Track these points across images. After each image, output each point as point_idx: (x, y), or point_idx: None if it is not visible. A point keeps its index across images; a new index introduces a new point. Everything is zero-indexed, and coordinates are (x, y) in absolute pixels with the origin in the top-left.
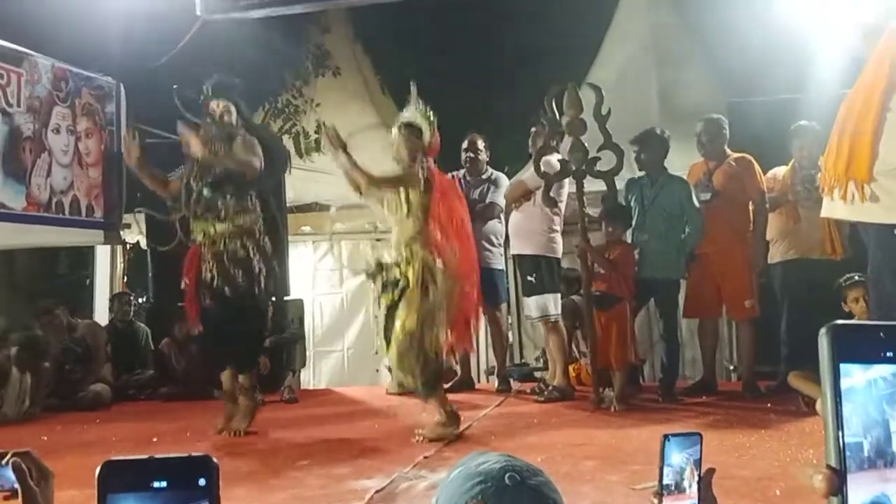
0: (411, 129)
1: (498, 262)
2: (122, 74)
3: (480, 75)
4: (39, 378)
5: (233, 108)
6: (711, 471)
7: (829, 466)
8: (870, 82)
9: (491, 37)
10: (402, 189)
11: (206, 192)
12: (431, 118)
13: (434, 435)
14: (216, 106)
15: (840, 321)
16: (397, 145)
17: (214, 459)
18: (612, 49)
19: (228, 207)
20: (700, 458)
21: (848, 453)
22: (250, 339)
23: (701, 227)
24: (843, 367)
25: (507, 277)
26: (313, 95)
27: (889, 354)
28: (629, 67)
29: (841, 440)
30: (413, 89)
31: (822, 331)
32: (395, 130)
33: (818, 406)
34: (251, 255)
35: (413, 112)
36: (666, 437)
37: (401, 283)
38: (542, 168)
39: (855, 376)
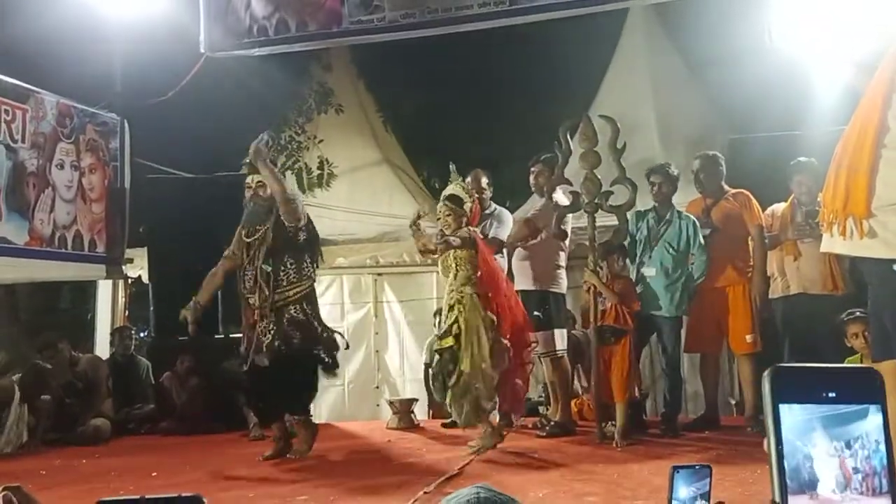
0: (454, 201)
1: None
2: (125, 111)
3: (482, 110)
4: (39, 411)
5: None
6: None
7: (773, 502)
8: (863, 118)
9: (493, 72)
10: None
11: (265, 265)
12: (470, 190)
13: (490, 443)
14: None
15: (782, 364)
16: (443, 216)
17: (205, 500)
18: (613, 86)
19: (290, 275)
20: (709, 492)
21: (789, 484)
22: (305, 386)
23: (705, 265)
24: (783, 407)
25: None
26: (316, 132)
27: (832, 395)
28: (629, 103)
29: (784, 476)
30: (452, 168)
31: (765, 373)
32: (439, 206)
33: (765, 444)
34: (310, 318)
35: (454, 186)
36: (675, 469)
37: (454, 328)
38: (555, 200)
39: (795, 416)
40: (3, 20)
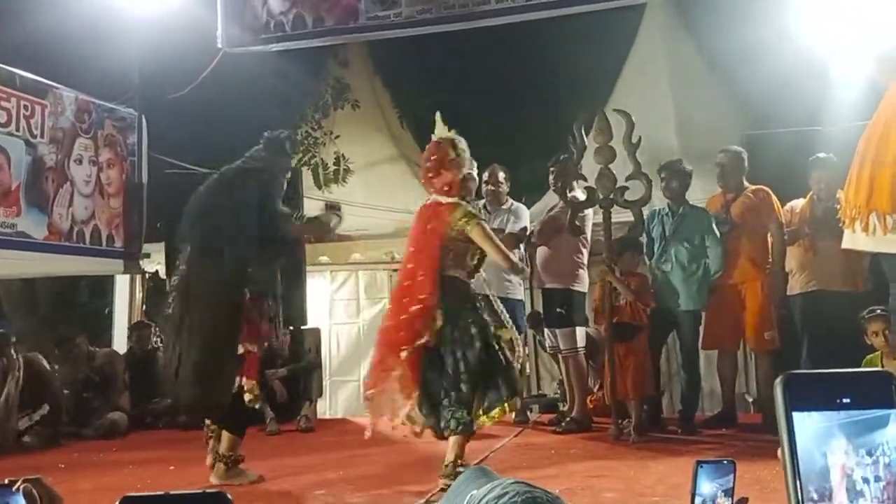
0: None
1: (517, 293)
2: (143, 106)
3: (498, 106)
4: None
5: None
6: (744, 500)
7: None
8: (888, 113)
9: (509, 69)
10: None
11: None
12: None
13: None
14: None
15: (795, 370)
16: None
17: (229, 496)
18: (630, 81)
19: None
20: (733, 487)
21: (806, 494)
22: None
23: (721, 258)
24: (797, 415)
25: (525, 308)
26: (332, 128)
27: (846, 401)
28: (647, 99)
29: (799, 487)
30: (439, 117)
31: (777, 381)
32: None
33: (779, 453)
34: None
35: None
36: (698, 464)
37: None
38: (569, 196)
39: (810, 423)
40: (23, 16)
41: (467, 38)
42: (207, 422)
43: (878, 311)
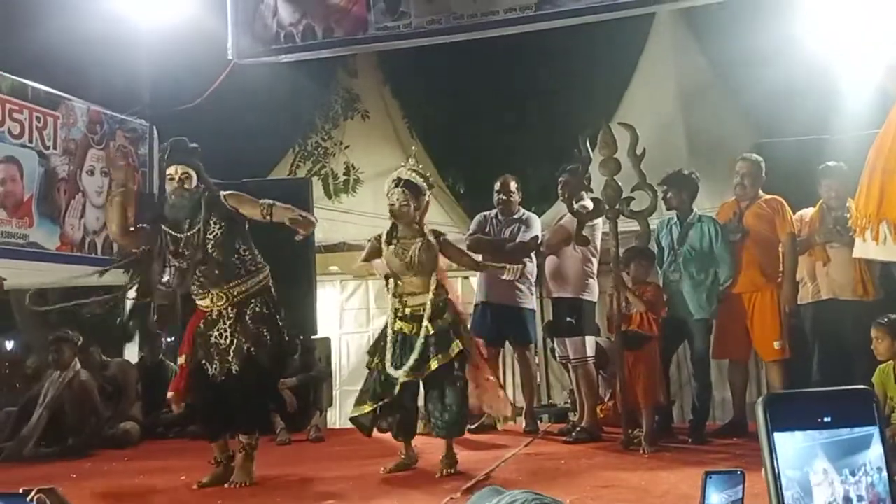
0: (411, 188)
1: (529, 302)
2: (154, 117)
3: (508, 117)
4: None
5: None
6: None
7: None
8: None
9: (519, 79)
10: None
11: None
12: (427, 180)
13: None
14: (174, 171)
15: (775, 392)
16: (400, 203)
17: None
18: (640, 89)
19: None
20: (742, 498)
21: None
22: (267, 398)
23: (731, 266)
24: (778, 435)
25: (535, 317)
26: (342, 138)
27: (827, 419)
28: (656, 107)
29: None
30: (413, 151)
31: (758, 401)
32: (394, 189)
33: (762, 473)
34: (273, 313)
35: (408, 172)
36: (707, 474)
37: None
38: (575, 207)
39: (792, 443)
40: (35, 28)
41: (477, 48)
42: None
43: (885, 319)
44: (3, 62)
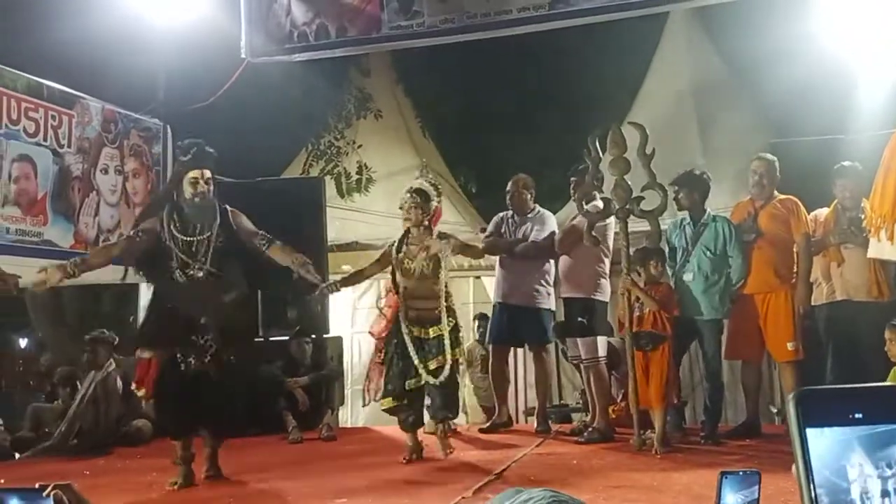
0: (420, 195)
1: (547, 303)
2: (168, 116)
3: (521, 115)
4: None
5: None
6: None
7: None
8: None
9: (532, 79)
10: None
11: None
12: (437, 189)
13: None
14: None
15: (808, 387)
16: (409, 208)
17: None
18: (653, 89)
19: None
20: (758, 499)
21: None
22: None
23: (744, 267)
24: (811, 431)
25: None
26: (355, 137)
27: (858, 416)
28: (670, 107)
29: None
30: (424, 163)
31: (789, 397)
32: (405, 197)
33: (793, 470)
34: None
35: (422, 182)
36: (723, 475)
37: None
38: (586, 207)
39: (824, 440)
40: (50, 28)
41: (490, 47)
42: None
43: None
44: (19, 61)
